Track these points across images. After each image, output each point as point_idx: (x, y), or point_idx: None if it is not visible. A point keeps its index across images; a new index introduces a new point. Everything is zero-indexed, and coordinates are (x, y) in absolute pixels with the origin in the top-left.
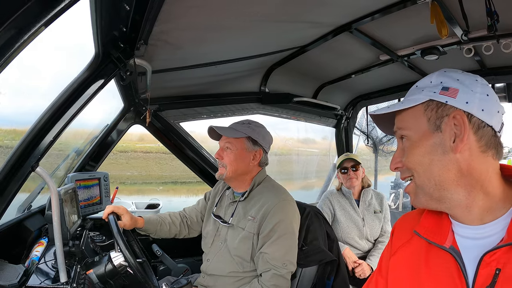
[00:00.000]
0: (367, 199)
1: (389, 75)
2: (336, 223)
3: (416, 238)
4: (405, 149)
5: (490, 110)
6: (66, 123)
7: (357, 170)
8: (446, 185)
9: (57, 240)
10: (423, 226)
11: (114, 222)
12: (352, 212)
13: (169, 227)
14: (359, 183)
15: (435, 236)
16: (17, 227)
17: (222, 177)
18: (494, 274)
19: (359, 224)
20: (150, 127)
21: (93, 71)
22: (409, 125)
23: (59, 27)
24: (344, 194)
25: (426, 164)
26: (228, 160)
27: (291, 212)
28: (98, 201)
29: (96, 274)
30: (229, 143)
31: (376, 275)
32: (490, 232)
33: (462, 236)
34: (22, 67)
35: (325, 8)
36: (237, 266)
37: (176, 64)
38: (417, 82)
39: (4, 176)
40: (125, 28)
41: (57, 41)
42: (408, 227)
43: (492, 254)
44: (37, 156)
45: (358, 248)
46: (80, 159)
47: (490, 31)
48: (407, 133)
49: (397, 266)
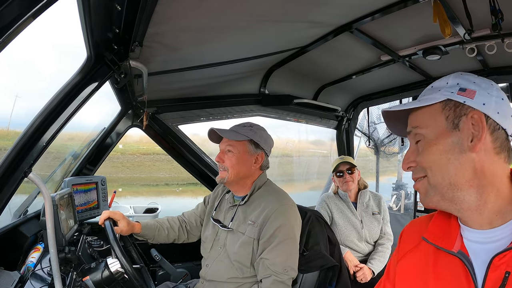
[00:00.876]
0: (365, 201)
1: (390, 76)
2: (334, 226)
3: (424, 243)
4: (420, 148)
5: (505, 113)
6: (60, 127)
7: (352, 173)
8: (460, 185)
9: (51, 247)
10: (431, 232)
11: (110, 228)
12: (350, 214)
13: (167, 232)
14: (355, 186)
15: (443, 241)
16: (12, 233)
17: (224, 180)
18: (503, 277)
19: (357, 227)
20: (148, 130)
21: (86, 74)
22: (425, 124)
23: (49, 27)
24: (341, 197)
25: (442, 162)
26: (229, 164)
27: (292, 217)
28: (95, 205)
29: (93, 280)
30: (231, 146)
31: (384, 280)
32: (499, 236)
33: (471, 241)
34: (16, 69)
35: (325, 8)
36: (236, 271)
37: (173, 66)
38: (433, 83)
39: None
40: (118, 29)
41: (48, 42)
42: (416, 233)
43: (501, 257)
44: (30, 162)
45: (358, 251)
46: (77, 163)
47: (495, 30)
48: (423, 132)
49: (404, 271)
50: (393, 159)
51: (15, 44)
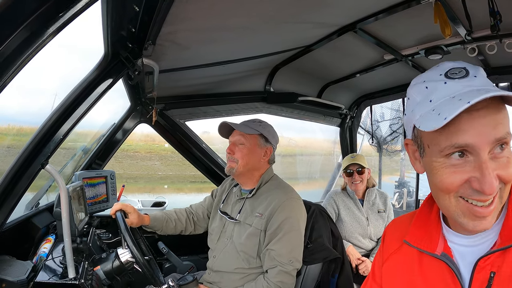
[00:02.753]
0: (371, 199)
1: (393, 75)
2: (340, 222)
3: (407, 245)
4: (506, 161)
5: None
6: (76, 121)
7: (362, 173)
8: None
9: (65, 236)
10: (413, 234)
11: (121, 219)
12: (357, 211)
13: (175, 224)
14: (364, 186)
15: (425, 244)
16: (25, 224)
17: (232, 171)
18: (489, 277)
19: (363, 224)
20: (156, 126)
21: (102, 70)
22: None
23: (69, 28)
24: (348, 193)
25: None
26: (240, 155)
27: (298, 210)
28: (104, 198)
29: (104, 270)
30: (243, 138)
31: (370, 280)
32: (484, 238)
33: (456, 244)
34: (33, 68)
35: (330, 9)
36: (243, 262)
37: (182, 64)
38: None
39: (14, 173)
40: (133, 28)
41: (67, 42)
42: (398, 234)
43: (486, 258)
44: (47, 154)
45: (362, 247)
46: (87, 158)
47: (493, 31)
48: (510, 140)
49: (390, 273)
50: (395, 157)
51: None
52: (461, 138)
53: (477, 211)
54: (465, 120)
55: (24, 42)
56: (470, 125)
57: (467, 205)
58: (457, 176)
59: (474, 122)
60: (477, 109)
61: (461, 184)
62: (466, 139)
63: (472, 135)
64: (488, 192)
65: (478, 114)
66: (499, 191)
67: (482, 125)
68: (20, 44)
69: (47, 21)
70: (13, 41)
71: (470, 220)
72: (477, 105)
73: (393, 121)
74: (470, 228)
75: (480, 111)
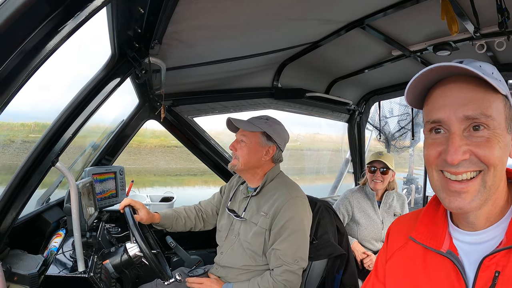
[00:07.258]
0: (388, 201)
1: (401, 71)
2: (354, 224)
3: (412, 242)
4: (485, 140)
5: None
6: (85, 120)
7: (385, 174)
8: (501, 187)
9: (75, 231)
10: (419, 231)
11: (130, 214)
12: (373, 214)
13: (184, 221)
14: (384, 187)
15: (431, 241)
16: (36, 219)
17: (234, 168)
18: (493, 276)
19: (378, 227)
20: (164, 122)
21: (110, 70)
22: (494, 114)
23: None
24: (366, 193)
25: (504, 162)
26: (240, 153)
27: (303, 209)
28: (114, 194)
29: (112, 264)
30: (244, 135)
31: (373, 278)
32: (490, 236)
33: (461, 242)
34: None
35: (337, 5)
36: (249, 259)
37: (189, 61)
38: (481, 64)
39: (26, 170)
40: (140, 29)
41: (75, 43)
42: (403, 231)
43: (491, 257)
44: (57, 152)
45: (372, 249)
46: (97, 154)
47: (501, 28)
48: (492, 124)
49: (394, 270)
50: (404, 154)
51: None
52: (434, 114)
53: (451, 185)
54: (439, 98)
55: (37, 45)
56: (443, 103)
57: (443, 178)
58: (434, 148)
59: (446, 99)
60: (450, 88)
61: (437, 156)
62: (438, 115)
63: (443, 111)
64: (450, 160)
65: (451, 93)
66: (482, 175)
67: (452, 102)
68: (36, 45)
69: (57, 26)
70: (28, 44)
71: (447, 196)
72: (451, 85)
73: (402, 117)
74: (446, 204)
75: (452, 90)
